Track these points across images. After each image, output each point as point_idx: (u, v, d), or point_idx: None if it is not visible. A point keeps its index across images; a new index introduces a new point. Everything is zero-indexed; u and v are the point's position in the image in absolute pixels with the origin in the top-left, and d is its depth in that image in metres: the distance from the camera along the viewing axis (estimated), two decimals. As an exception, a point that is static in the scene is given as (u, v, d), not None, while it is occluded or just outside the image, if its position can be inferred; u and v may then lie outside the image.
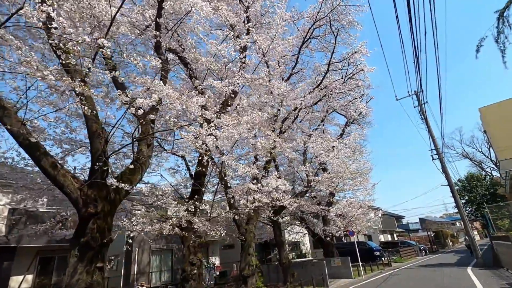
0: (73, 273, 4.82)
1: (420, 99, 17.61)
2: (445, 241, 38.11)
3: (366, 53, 12.34)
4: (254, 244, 22.19)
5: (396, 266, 18.72)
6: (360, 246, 21.28)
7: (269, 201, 8.25)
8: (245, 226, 10.25)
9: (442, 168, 16.08)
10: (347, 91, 14.94)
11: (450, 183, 15.66)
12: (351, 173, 12.15)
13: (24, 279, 11.32)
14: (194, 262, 7.67)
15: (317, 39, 13.49)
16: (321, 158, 12.10)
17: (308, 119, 15.87)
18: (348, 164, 11.57)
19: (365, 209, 14.84)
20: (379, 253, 20.73)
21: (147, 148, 6.54)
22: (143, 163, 6.35)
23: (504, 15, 4.92)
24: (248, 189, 8.59)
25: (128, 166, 6.24)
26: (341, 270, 14.10)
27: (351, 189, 15.31)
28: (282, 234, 12.86)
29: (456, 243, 43.29)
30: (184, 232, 7.67)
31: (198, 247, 7.94)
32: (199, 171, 8.44)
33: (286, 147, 10.66)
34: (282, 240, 12.38)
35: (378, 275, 14.84)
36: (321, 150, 11.67)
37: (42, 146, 4.98)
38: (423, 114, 17.39)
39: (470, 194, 32.87)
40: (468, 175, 34.28)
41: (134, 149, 6.54)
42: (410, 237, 37.15)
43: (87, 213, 4.99)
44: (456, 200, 15.46)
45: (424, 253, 27.39)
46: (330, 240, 16.08)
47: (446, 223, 57.08)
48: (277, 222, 12.31)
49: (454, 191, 15.69)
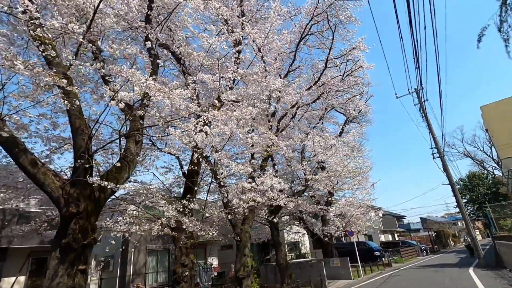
0: (53, 276, 4.59)
1: (420, 96, 17.33)
2: (447, 241, 37.80)
3: (365, 49, 12.07)
4: (251, 244, 22.02)
5: (396, 266, 18.45)
6: (360, 246, 21.03)
7: (264, 201, 7.99)
8: (241, 226, 10.01)
9: (443, 167, 15.80)
10: (346, 88, 14.68)
11: (451, 181, 15.37)
12: (350, 171, 11.88)
13: (16, 281, 11.10)
14: (185, 264, 7.42)
15: (315, 36, 13.26)
16: (319, 157, 11.86)
17: (307, 117, 15.60)
18: (346, 162, 11.30)
19: (364, 208, 14.58)
20: (380, 253, 20.46)
21: (136, 145, 6.31)
22: (131, 161, 6.11)
23: (507, 3, 4.67)
24: (242, 188, 8.35)
25: (115, 164, 6.02)
26: (340, 271, 13.85)
27: (350, 188, 15.04)
28: (280, 234, 12.61)
29: (457, 243, 42.94)
30: (174, 232, 7.44)
31: (190, 248, 7.69)
32: (191, 170, 8.19)
33: (282, 145, 10.43)
34: (279, 240, 12.13)
35: (378, 276, 14.58)
36: (319, 148, 11.42)
37: (21, 143, 4.75)
38: (424, 112, 17.12)
39: (471, 193, 32.34)
40: (469, 174, 33.81)
41: (121, 147, 6.32)
42: (411, 237, 36.85)
43: (69, 213, 4.76)
44: (458, 199, 15.17)
45: (425, 253, 27.11)
46: (329, 241, 15.82)
47: (448, 223, 56.76)
48: (274, 222, 12.05)
49: (456, 190, 15.41)
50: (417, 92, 17.28)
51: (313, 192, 13.22)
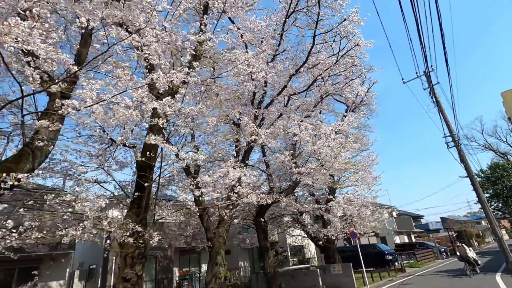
0: None
1: (430, 80, 15.37)
2: (470, 242, 34.81)
3: (359, 21, 10.42)
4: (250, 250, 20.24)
5: (410, 272, 16.37)
6: (370, 250, 19.04)
7: (224, 197, 6.47)
8: (214, 230, 8.51)
9: (459, 157, 13.76)
10: (342, 71, 13.00)
11: (469, 173, 13.30)
12: (345, 162, 10.16)
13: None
14: (128, 278, 6.00)
15: (304, 13, 11.68)
16: (309, 147, 10.24)
17: (303, 108, 13.91)
18: (339, 151, 9.60)
19: (367, 207, 12.77)
20: (392, 257, 18.38)
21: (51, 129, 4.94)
22: (38, 149, 4.76)
23: None
24: (205, 183, 6.86)
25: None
26: (342, 278, 12.04)
27: (352, 185, 13.28)
28: (267, 237, 10.99)
29: (482, 244, 39.68)
30: (118, 239, 6.02)
31: (138, 258, 6.26)
32: (142, 162, 6.79)
33: (262, 133, 8.90)
34: (266, 245, 10.51)
35: (386, 284, 12.67)
36: (307, 137, 9.79)
37: None
38: (434, 97, 15.13)
39: (495, 187, 28.76)
40: (492, 164, 30.25)
41: (24, 130, 4.96)
42: (429, 238, 34.12)
43: None
44: (478, 193, 13.09)
45: (445, 255, 24.61)
46: (330, 244, 14.04)
47: (470, 222, 53.21)
48: (261, 223, 10.47)
49: (475, 183, 13.33)
50: (426, 75, 15.34)
51: (309, 188, 11.55)
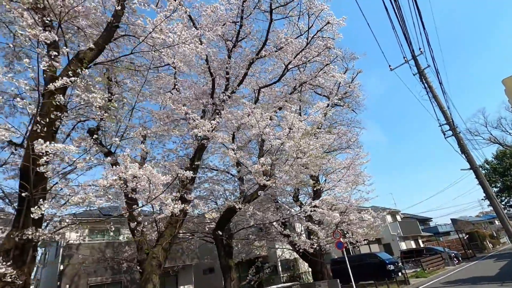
0: None
1: (418, 63, 13.69)
2: (483, 244, 32.17)
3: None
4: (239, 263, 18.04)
5: (415, 283, 14.21)
6: (368, 260, 16.95)
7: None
8: (147, 250, 6.68)
9: (459, 146, 11.87)
10: (316, 56, 11.40)
11: (472, 165, 11.37)
12: (318, 157, 8.34)
13: None
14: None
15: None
16: (273, 141, 8.51)
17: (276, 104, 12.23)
18: (305, 141, 7.81)
19: (355, 211, 10.85)
20: (394, 267, 16.20)
21: None
22: None
23: None
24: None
25: None
26: (328, 299, 10.05)
27: (334, 186, 11.42)
28: (230, 255, 9.04)
29: (497, 245, 36.88)
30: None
31: None
32: (24, 166, 5.09)
33: (207, 126, 7.21)
34: (228, 263, 8.58)
35: (384, 302, 10.61)
36: (267, 128, 8.06)
37: None
38: (425, 81, 13.40)
39: (504, 178, 25.76)
40: (498, 153, 27.37)
41: None
42: (438, 243, 31.55)
43: None
44: (485, 187, 11.14)
45: (457, 260, 22.19)
46: (317, 258, 12.03)
47: (483, 222, 50.31)
48: (221, 238, 8.60)
49: (480, 175, 11.38)
50: (414, 58, 13.65)
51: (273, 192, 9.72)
